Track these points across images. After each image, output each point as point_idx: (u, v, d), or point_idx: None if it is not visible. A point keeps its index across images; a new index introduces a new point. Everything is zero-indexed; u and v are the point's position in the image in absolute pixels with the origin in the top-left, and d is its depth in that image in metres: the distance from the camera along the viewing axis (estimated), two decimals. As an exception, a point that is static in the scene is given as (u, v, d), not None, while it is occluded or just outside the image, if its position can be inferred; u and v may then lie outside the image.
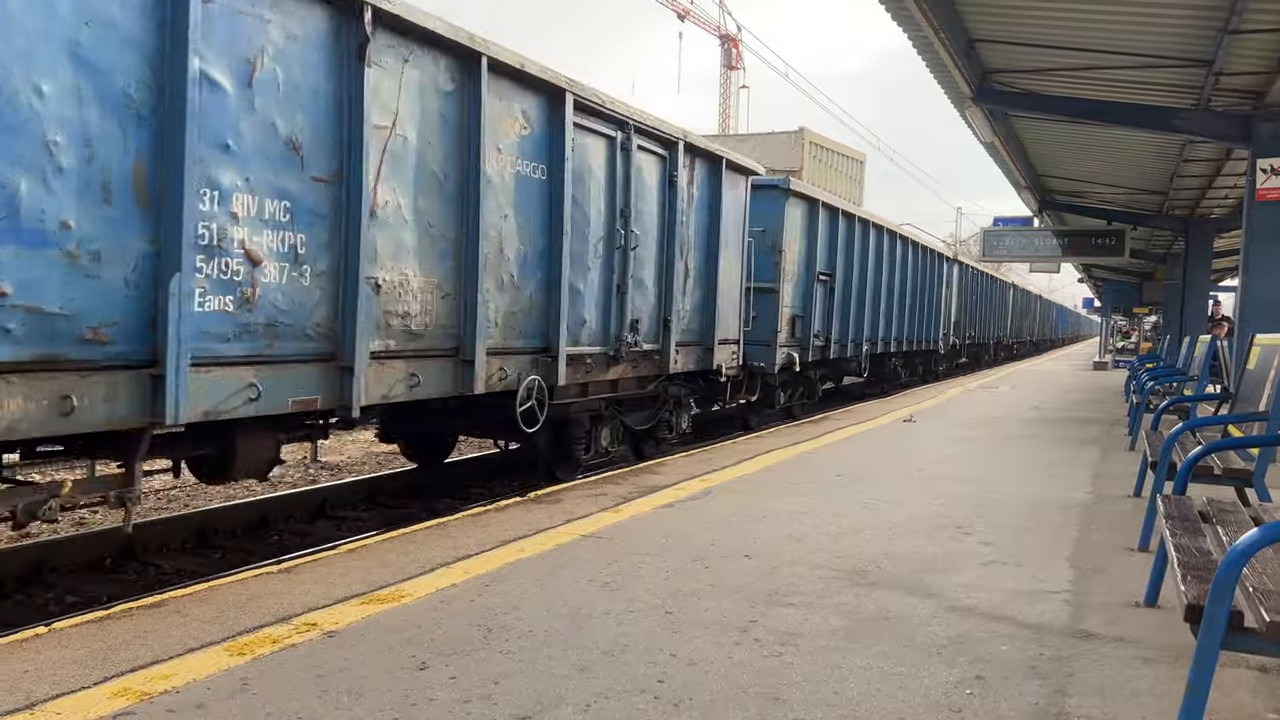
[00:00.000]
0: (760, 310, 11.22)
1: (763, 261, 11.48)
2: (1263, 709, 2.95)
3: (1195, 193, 16.23)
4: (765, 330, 11.44)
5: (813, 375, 13.75)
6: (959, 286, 23.73)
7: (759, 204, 11.12)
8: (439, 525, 5.36)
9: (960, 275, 24.05)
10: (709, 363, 9.59)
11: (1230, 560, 2.33)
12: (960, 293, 23.94)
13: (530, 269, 6.98)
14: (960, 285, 23.99)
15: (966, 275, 25.17)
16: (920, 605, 3.95)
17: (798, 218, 12.33)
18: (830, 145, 50.20)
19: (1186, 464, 4.34)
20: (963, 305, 24.36)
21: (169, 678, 3.03)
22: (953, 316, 22.79)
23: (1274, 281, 9.41)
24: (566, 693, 2.97)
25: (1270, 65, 8.65)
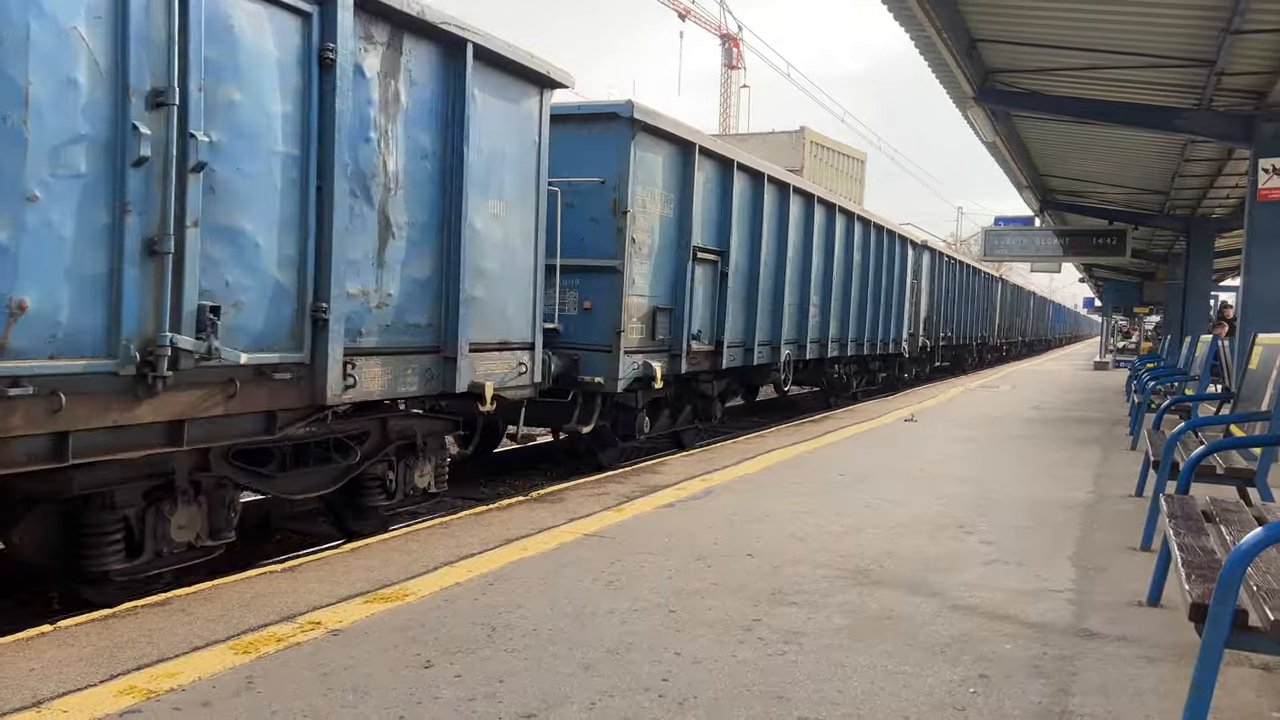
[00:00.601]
0: (595, 299, 8.07)
1: (597, 227, 8.05)
2: (1267, 708, 2.96)
3: (1197, 193, 16.23)
4: (601, 329, 8.08)
5: (709, 389, 10.29)
6: (931, 278, 20.41)
7: (595, 143, 8.04)
8: (441, 524, 5.36)
9: (933, 265, 20.68)
10: (451, 381, 5.86)
11: (1234, 559, 2.34)
12: (934, 286, 20.65)
13: None
14: (933, 277, 20.67)
15: (941, 265, 21.57)
16: (923, 604, 3.96)
17: (658, 167, 8.53)
18: (831, 145, 50.18)
19: (1189, 463, 4.35)
20: (936, 300, 21.06)
21: (174, 676, 3.03)
22: (922, 313, 19.45)
23: (1275, 281, 9.41)
24: (571, 691, 2.98)
25: (1272, 65, 8.65)
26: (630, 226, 8.08)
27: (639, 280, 8.38)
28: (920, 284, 19.18)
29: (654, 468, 7.51)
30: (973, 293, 26.32)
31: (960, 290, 24.29)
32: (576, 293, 8.15)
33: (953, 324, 23.37)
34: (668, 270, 8.88)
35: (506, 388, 6.50)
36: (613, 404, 8.54)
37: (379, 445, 5.93)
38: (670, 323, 8.90)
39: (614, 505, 5.88)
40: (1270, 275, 9.42)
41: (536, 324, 6.82)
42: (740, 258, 10.19)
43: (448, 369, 5.88)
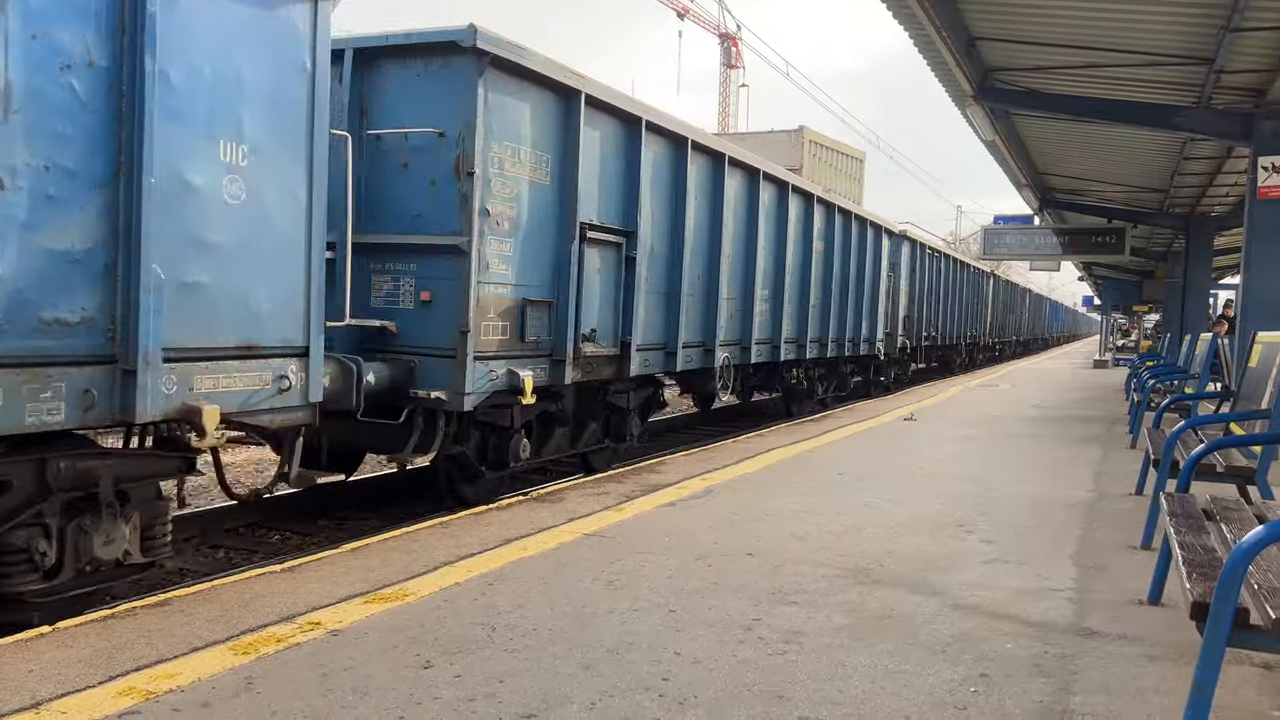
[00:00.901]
0: (436, 289, 6.27)
1: (436, 194, 6.24)
2: (1268, 706, 2.95)
3: (1196, 190, 16.24)
4: (443, 327, 6.25)
5: (624, 402, 8.43)
6: (912, 272, 18.65)
7: (434, 84, 6.23)
8: (441, 524, 5.36)
9: (915, 258, 18.89)
10: (131, 404, 4.09)
11: (1236, 558, 2.34)
12: (914, 281, 18.83)
13: None
14: (914, 271, 18.91)
15: (923, 258, 19.71)
16: (924, 603, 3.95)
17: (524, 118, 6.63)
18: (830, 144, 50.17)
19: (1190, 461, 4.34)
20: (918, 297, 19.27)
21: (174, 677, 3.03)
22: (901, 311, 17.77)
23: (1275, 279, 9.41)
24: (571, 691, 2.97)
25: (1271, 63, 8.65)
26: (481, 194, 6.12)
27: (497, 265, 6.39)
28: (899, 278, 17.62)
29: (654, 467, 7.51)
30: (960, 289, 24.55)
31: (946, 286, 22.51)
32: (414, 279, 6.32)
33: (938, 322, 21.63)
34: (543, 253, 6.86)
35: (257, 411, 4.65)
36: (470, 424, 6.63)
37: (25, 501, 4.02)
38: (550, 320, 6.95)
39: (614, 505, 5.88)
40: (1270, 273, 9.42)
41: (313, 321, 4.91)
42: (655, 241, 8.37)
43: (126, 387, 4.06)
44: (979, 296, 28.04)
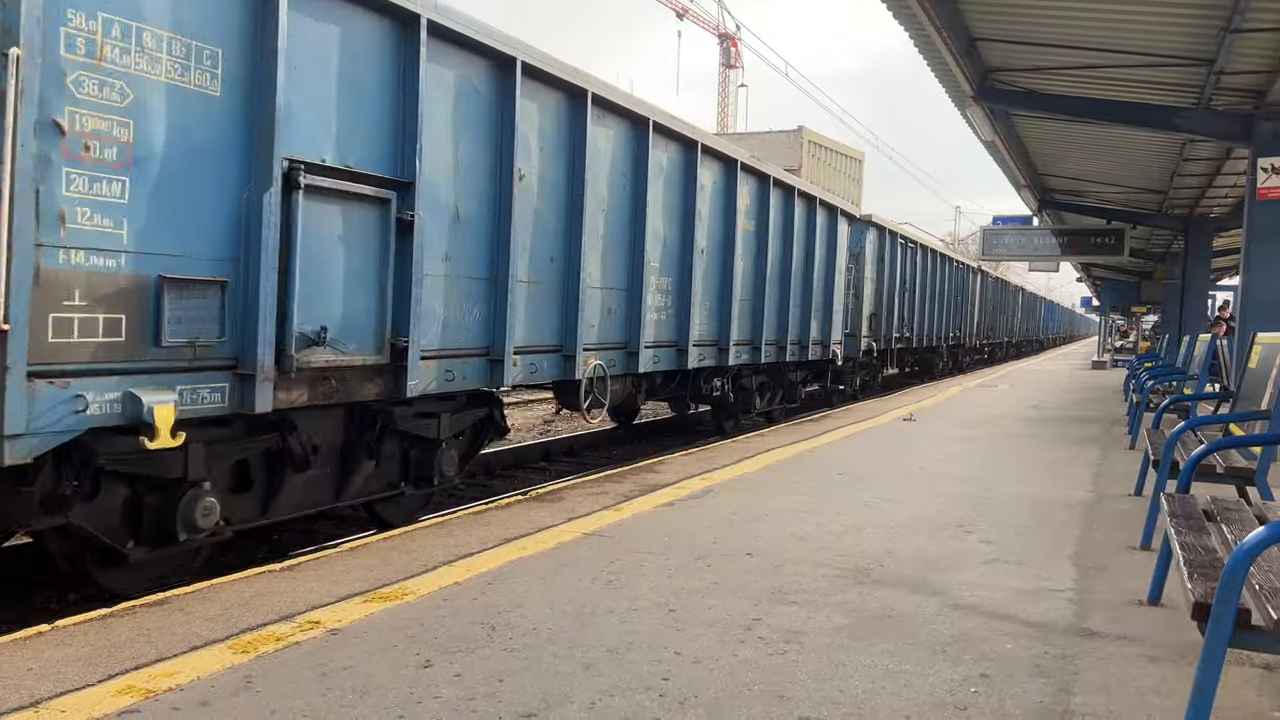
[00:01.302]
0: None
1: None
2: (1268, 707, 2.95)
3: (1195, 192, 16.25)
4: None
5: (430, 430, 6.26)
6: (879, 263, 16.22)
7: None
8: (439, 524, 5.35)
9: (881, 247, 16.22)
10: None
11: (1237, 558, 2.33)
12: (882, 274, 16.42)
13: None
14: (881, 262, 16.35)
15: (892, 247, 16.90)
16: (924, 604, 3.95)
17: None
18: (829, 144, 50.16)
19: (1190, 462, 4.34)
20: (887, 293, 16.71)
21: (173, 675, 3.02)
22: (866, 308, 15.43)
23: (1275, 280, 9.42)
24: (571, 690, 2.97)
25: (1272, 64, 8.65)
26: (42, 95, 3.73)
27: (92, 218, 4.01)
28: (862, 271, 15.29)
29: (652, 467, 7.50)
30: (941, 285, 22.11)
31: (925, 281, 20.11)
32: None
33: (914, 322, 19.27)
34: (206, 205, 4.49)
35: None
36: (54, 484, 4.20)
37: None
38: (224, 311, 4.57)
39: (613, 504, 5.87)
40: (1269, 274, 9.42)
41: None
42: (458, 200, 6.03)
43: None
44: (964, 294, 25.80)
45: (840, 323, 14.00)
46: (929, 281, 20.61)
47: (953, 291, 23.67)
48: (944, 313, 22.54)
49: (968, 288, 26.12)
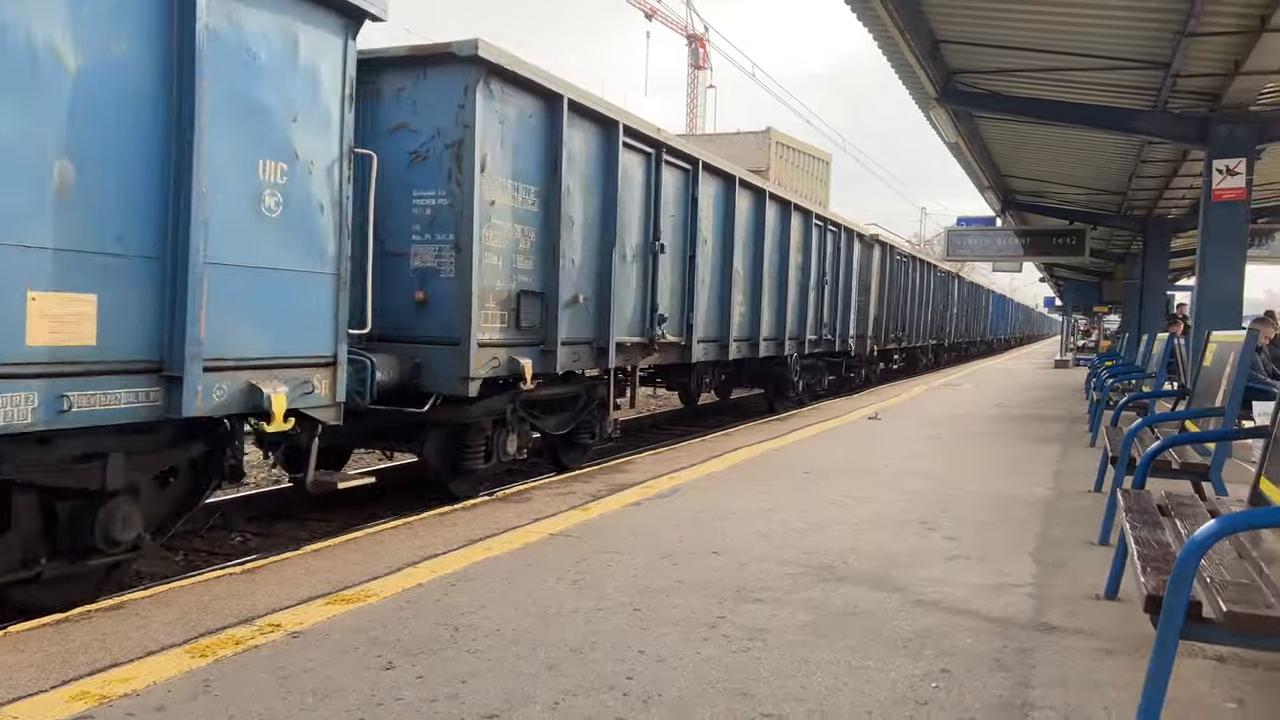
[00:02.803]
0: None
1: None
2: (1220, 699, 3.00)
3: (1153, 193, 16.53)
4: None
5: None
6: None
7: None
8: (405, 525, 5.31)
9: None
10: None
11: (1188, 552, 2.38)
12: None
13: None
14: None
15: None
16: (886, 600, 3.98)
17: None
18: (797, 145, 50.43)
19: (1145, 459, 4.41)
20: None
21: (128, 680, 2.97)
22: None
23: (1229, 280, 9.61)
24: (535, 691, 2.96)
25: (1226, 68, 8.82)
26: None
27: None
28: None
29: (621, 466, 7.50)
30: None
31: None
32: None
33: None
34: None
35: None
36: None
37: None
38: None
39: (580, 504, 5.86)
40: (1224, 274, 9.61)
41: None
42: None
43: None
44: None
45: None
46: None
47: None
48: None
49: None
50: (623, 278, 8.54)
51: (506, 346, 7.00)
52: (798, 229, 13.60)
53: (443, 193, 6.60)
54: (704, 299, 10.41)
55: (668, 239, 9.40)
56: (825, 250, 14.76)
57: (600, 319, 8.24)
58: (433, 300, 6.63)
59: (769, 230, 12.37)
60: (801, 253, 13.75)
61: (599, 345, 8.26)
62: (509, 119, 6.89)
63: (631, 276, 8.81)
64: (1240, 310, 9.89)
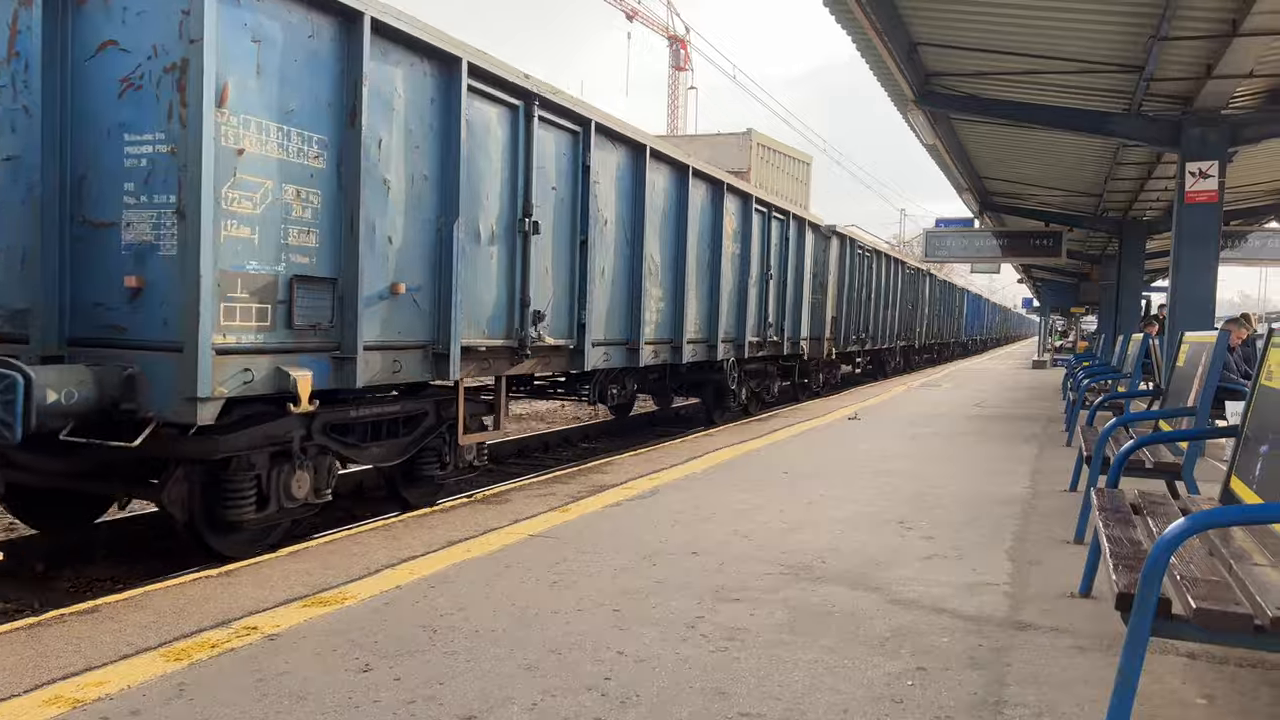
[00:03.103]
0: None
1: None
2: (1192, 695, 3.04)
3: (1128, 195, 16.70)
4: None
5: None
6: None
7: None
8: (384, 527, 5.30)
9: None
10: None
11: (1158, 549, 2.40)
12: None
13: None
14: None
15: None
16: (864, 599, 4.01)
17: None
18: (778, 147, 50.57)
19: (1119, 458, 4.46)
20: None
21: (102, 684, 2.95)
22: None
23: (1202, 282, 9.72)
24: (513, 692, 2.96)
25: (1198, 71, 8.93)
26: None
27: None
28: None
29: (601, 467, 7.50)
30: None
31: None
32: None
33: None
34: None
35: None
36: None
37: None
38: None
39: (560, 505, 5.86)
40: (1197, 276, 9.73)
41: None
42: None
43: None
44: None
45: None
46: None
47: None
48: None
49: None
50: (473, 263, 6.61)
51: (268, 353, 5.04)
52: (734, 214, 11.67)
53: (161, 135, 4.70)
54: (601, 293, 8.50)
55: (546, 217, 7.49)
56: (770, 240, 12.95)
57: (438, 317, 6.27)
58: (150, 287, 4.76)
59: (695, 213, 10.46)
60: (739, 242, 11.93)
61: (436, 351, 6.28)
62: (272, 37, 4.99)
63: (489, 263, 6.84)
64: (1213, 311, 10.01)
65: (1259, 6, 7.19)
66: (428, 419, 6.72)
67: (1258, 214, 18.07)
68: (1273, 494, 3.22)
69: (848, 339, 17.32)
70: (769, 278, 12.99)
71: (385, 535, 5.04)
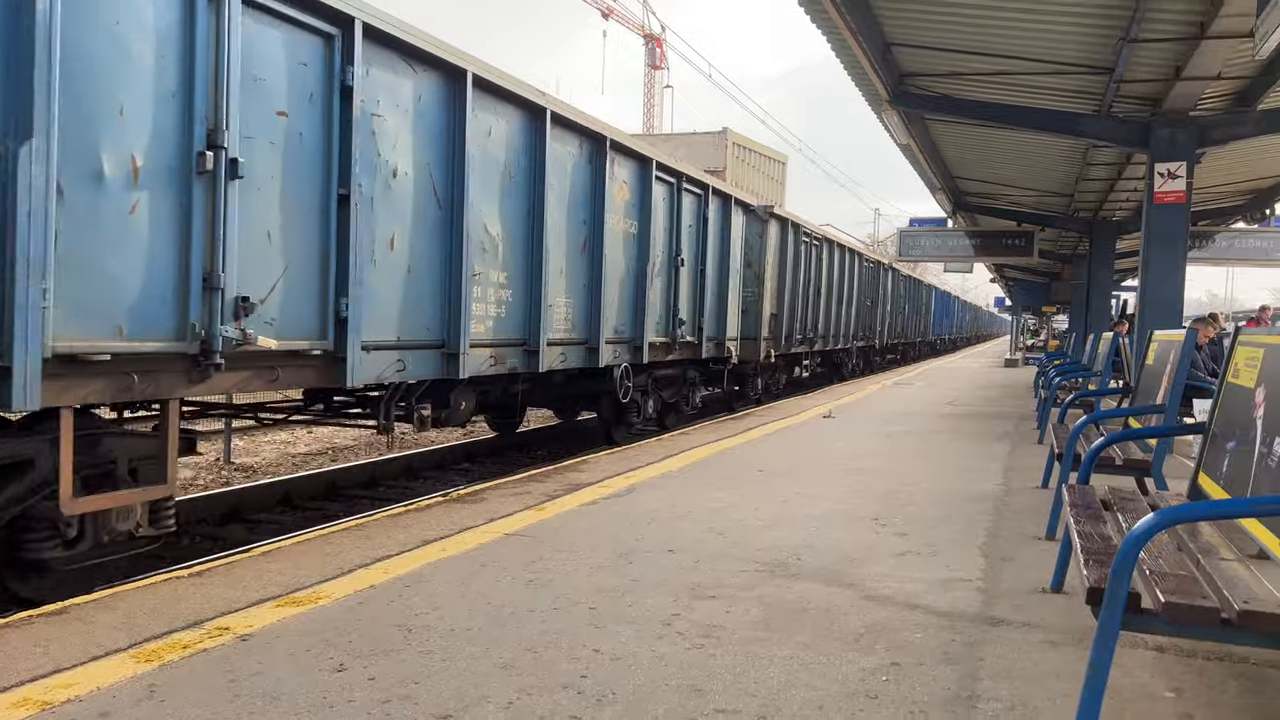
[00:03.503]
0: None
1: None
2: (1161, 688, 3.09)
3: (1098, 195, 16.90)
4: None
5: None
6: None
7: None
8: (357, 526, 5.26)
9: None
10: None
11: (1128, 545, 2.44)
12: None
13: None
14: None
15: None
16: (839, 595, 4.03)
17: None
18: (753, 146, 50.74)
19: (1089, 455, 4.51)
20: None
21: (71, 686, 2.91)
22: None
23: (1171, 281, 9.86)
24: (489, 690, 2.95)
25: (1167, 73, 9.05)
26: None
27: None
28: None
29: (577, 466, 7.50)
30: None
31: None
32: None
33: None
34: None
35: None
36: None
37: None
38: None
39: (536, 504, 5.85)
40: (1166, 275, 9.86)
41: None
42: None
43: None
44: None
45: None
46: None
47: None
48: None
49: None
50: (81, 220, 4.23)
51: None
52: (627, 183, 9.19)
53: None
54: (386, 274, 6.15)
55: (264, 156, 5.18)
56: (681, 218, 10.46)
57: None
58: None
59: (556, 174, 7.90)
60: (635, 217, 9.47)
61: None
62: None
63: (126, 217, 4.44)
64: (1181, 310, 10.16)
65: (1226, 9, 7.30)
66: (33, 470, 4.48)
67: (1224, 214, 18.35)
68: (1239, 489, 3.27)
69: (791, 339, 15.12)
70: (679, 264, 10.53)
71: (359, 535, 5.01)
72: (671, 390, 11.43)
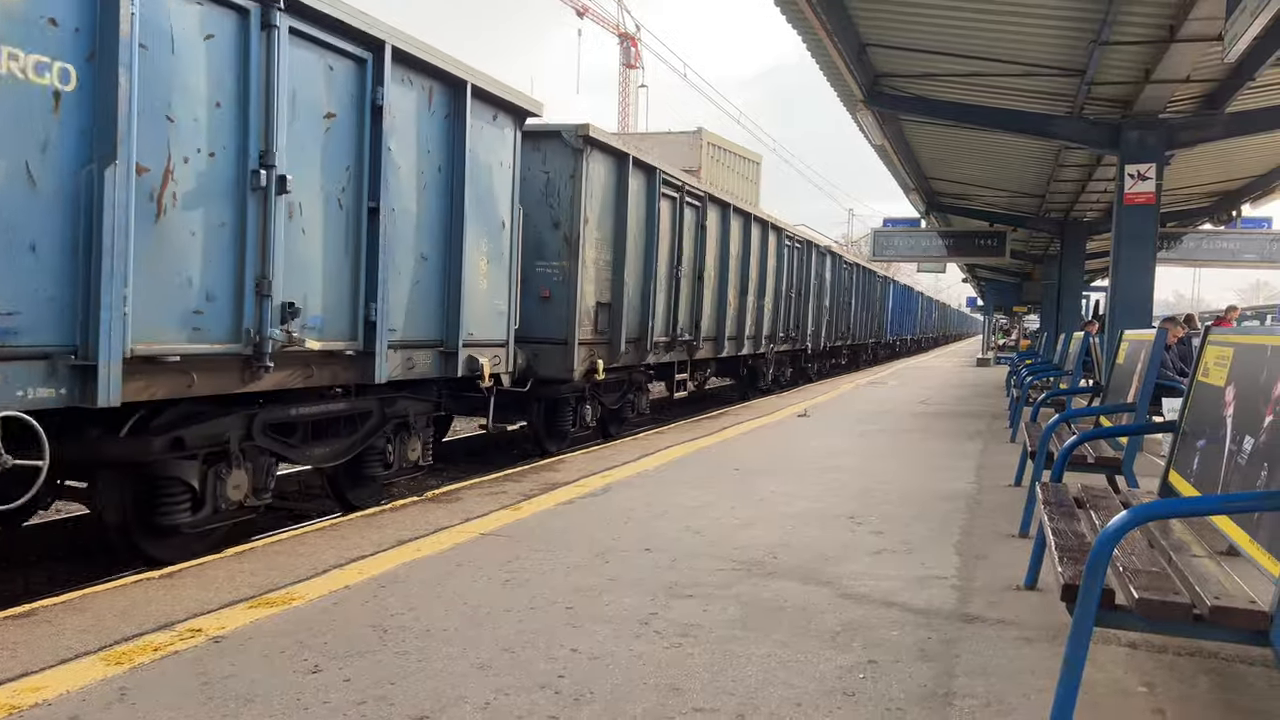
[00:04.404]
0: None
1: None
2: (1134, 683, 3.12)
3: (1070, 196, 17.07)
4: None
5: None
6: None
7: None
8: (331, 526, 5.22)
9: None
10: None
11: (1101, 542, 2.46)
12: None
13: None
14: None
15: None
16: (815, 594, 4.04)
17: None
18: (728, 146, 50.84)
19: (1062, 454, 4.56)
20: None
21: (39, 690, 2.86)
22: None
23: (1141, 281, 9.99)
24: (466, 691, 2.93)
25: (1137, 76, 9.15)
26: None
27: None
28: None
29: (553, 465, 7.47)
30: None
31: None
32: None
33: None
34: None
35: None
36: None
37: None
38: None
39: (512, 504, 5.82)
40: (1136, 275, 9.99)
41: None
42: None
43: None
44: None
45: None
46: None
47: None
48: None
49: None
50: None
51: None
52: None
53: None
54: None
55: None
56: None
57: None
58: None
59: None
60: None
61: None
62: None
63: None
64: (1151, 310, 10.29)
65: (1195, 13, 7.39)
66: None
67: (1192, 216, 18.60)
68: (1210, 487, 3.31)
69: (644, 343, 10.57)
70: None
71: (333, 535, 4.96)
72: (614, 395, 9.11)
